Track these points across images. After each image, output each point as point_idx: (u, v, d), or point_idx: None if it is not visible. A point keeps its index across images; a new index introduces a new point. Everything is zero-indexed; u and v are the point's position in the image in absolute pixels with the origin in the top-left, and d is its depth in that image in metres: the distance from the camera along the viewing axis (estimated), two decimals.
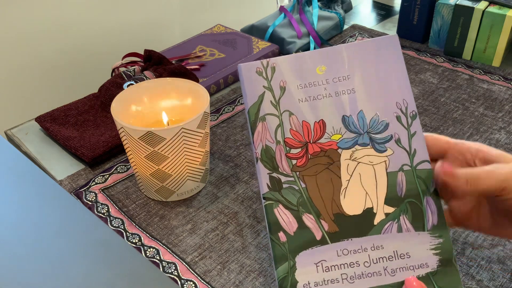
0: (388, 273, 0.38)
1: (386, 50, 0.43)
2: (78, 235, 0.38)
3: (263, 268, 0.54)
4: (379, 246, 0.39)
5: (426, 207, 0.40)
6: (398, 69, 0.43)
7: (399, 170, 0.41)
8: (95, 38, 1.09)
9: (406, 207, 0.40)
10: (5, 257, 0.36)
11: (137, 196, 0.64)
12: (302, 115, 0.41)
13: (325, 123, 0.41)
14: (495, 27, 0.84)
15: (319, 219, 0.40)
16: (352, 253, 0.39)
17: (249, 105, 0.42)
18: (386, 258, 0.39)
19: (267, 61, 0.42)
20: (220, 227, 0.59)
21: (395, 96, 0.42)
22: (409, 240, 0.39)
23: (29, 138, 0.74)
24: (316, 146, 0.41)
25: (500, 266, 0.53)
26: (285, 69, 0.42)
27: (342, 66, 0.42)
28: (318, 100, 0.42)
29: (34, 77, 1.02)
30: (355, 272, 0.39)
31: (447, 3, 0.87)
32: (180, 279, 0.53)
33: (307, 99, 0.42)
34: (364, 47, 0.43)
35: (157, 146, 0.56)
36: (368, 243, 0.39)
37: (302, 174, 0.41)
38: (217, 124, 0.76)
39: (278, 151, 0.41)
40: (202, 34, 0.97)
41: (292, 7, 1.00)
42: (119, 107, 0.60)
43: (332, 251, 0.39)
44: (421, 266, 0.39)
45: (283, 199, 0.40)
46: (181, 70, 0.77)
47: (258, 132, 0.41)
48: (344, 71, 0.42)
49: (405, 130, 0.41)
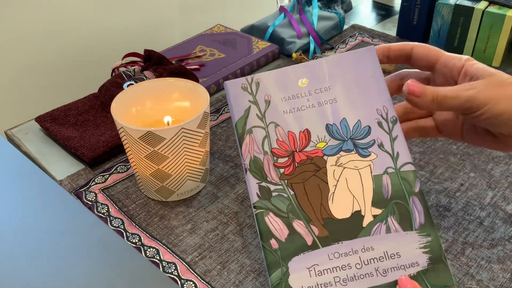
0: (380, 274, 0.39)
1: (364, 61, 0.45)
2: (78, 235, 0.39)
3: (263, 268, 0.54)
4: (369, 248, 0.40)
5: (412, 207, 0.42)
6: (377, 78, 0.45)
7: (384, 173, 0.42)
8: (95, 38, 1.09)
9: (393, 208, 0.41)
10: (5, 257, 0.36)
11: (137, 196, 0.64)
12: (287, 125, 0.43)
13: (310, 132, 0.43)
14: (495, 27, 0.84)
15: (309, 224, 0.41)
16: (343, 256, 0.40)
17: (236, 119, 0.44)
18: (377, 259, 0.40)
19: (251, 77, 0.45)
20: (220, 227, 0.59)
21: (375, 103, 0.44)
22: (398, 240, 0.40)
23: (29, 138, 0.74)
24: (303, 155, 0.43)
25: (500, 266, 0.53)
26: (269, 84, 0.45)
27: (323, 78, 0.45)
28: (302, 111, 0.44)
29: (34, 77, 1.02)
30: (347, 274, 0.40)
31: (447, 3, 0.87)
32: (180, 279, 0.53)
33: (292, 111, 0.44)
34: (343, 60, 0.45)
35: (157, 146, 0.56)
36: (359, 245, 0.40)
37: (290, 182, 0.42)
38: (217, 124, 0.76)
39: (266, 161, 0.43)
40: (202, 34, 0.98)
41: (292, 7, 1.00)
42: (119, 107, 0.60)
43: (323, 255, 0.40)
44: (411, 265, 0.40)
45: (273, 207, 0.42)
46: (181, 70, 0.77)
47: (246, 144, 0.43)
48: (325, 82, 0.45)
49: (387, 134, 0.43)
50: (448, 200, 0.61)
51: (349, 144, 0.43)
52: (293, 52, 0.91)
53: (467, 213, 0.59)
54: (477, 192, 0.62)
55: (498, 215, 0.59)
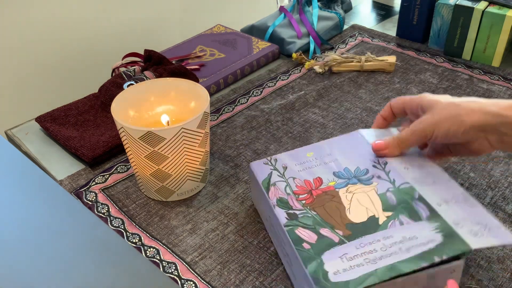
0: (404, 251, 0.45)
1: (354, 140, 0.59)
2: (78, 235, 0.39)
3: (263, 268, 0.54)
4: (389, 236, 0.47)
5: (416, 206, 0.49)
6: (366, 144, 0.58)
7: (387, 191, 0.52)
8: (95, 38, 1.09)
9: (401, 210, 0.49)
10: (5, 257, 0.36)
11: (137, 196, 0.64)
12: (302, 177, 0.55)
13: (321, 178, 0.55)
14: (494, 27, 0.84)
15: (334, 229, 0.49)
16: (368, 245, 0.46)
17: (261, 180, 0.55)
18: (398, 242, 0.46)
19: (270, 157, 0.58)
20: (220, 227, 0.59)
21: (369, 156, 0.57)
22: (412, 228, 0.47)
23: (29, 138, 0.74)
24: (319, 191, 0.53)
25: (500, 266, 0.53)
26: (284, 159, 0.58)
27: (324, 150, 0.59)
28: (312, 168, 0.56)
29: (34, 77, 1.02)
30: (375, 255, 0.45)
31: (447, 3, 0.87)
32: (180, 279, 0.53)
33: (304, 169, 0.56)
34: (337, 140, 0.60)
35: (157, 146, 0.56)
36: (380, 236, 0.47)
37: (312, 207, 0.51)
38: (217, 124, 0.76)
39: (290, 199, 0.53)
40: (202, 34, 0.98)
41: (292, 7, 1.00)
42: (119, 107, 0.60)
43: (350, 247, 0.46)
44: (428, 242, 0.45)
45: (300, 223, 0.50)
46: (181, 70, 0.77)
47: (272, 191, 0.54)
48: (326, 152, 0.58)
49: (382, 171, 0.54)
50: None
51: (354, 180, 0.54)
52: (293, 52, 0.91)
53: None
54: (477, 192, 0.62)
55: (498, 215, 0.59)
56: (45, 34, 1.00)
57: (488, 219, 0.47)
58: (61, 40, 1.03)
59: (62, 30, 1.02)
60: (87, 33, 1.07)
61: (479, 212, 0.48)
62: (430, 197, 0.50)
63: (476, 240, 0.45)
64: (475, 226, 0.46)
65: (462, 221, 0.47)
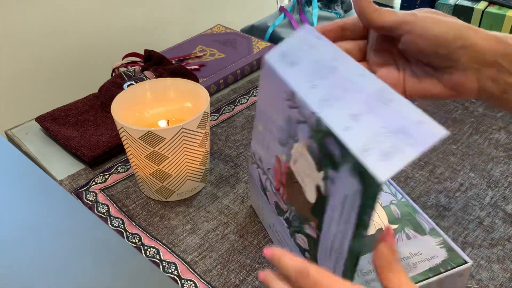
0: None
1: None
2: (78, 235, 0.39)
3: (263, 268, 0.54)
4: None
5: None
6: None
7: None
8: (95, 38, 1.09)
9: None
10: (5, 257, 0.36)
11: (137, 196, 0.64)
12: (271, 162, 0.50)
13: (278, 155, 0.49)
14: (495, 27, 0.84)
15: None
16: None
17: (260, 187, 0.53)
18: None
19: (252, 153, 0.54)
20: (220, 227, 0.59)
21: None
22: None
23: (29, 138, 0.74)
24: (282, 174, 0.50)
25: (500, 266, 0.53)
26: (257, 148, 0.53)
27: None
28: (264, 140, 0.52)
29: (34, 77, 1.02)
30: None
31: (447, 3, 0.87)
32: (180, 279, 0.53)
33: (262, 147, 0.51)
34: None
35: (157, 146, 0.56)
36: None
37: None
38: (217, 124, 0.76)
39: (278, 199, 0.50)
40: (202, 34, 0.98)
41: (292, 7, 1.00)
42: (119, 107, 0.60)
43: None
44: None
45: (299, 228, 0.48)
46: (181, 70, 0.77)
47: (269, 196, 0.52)
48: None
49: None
50: (448, 200, 0.61)
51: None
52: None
53: (466, 213, 0.59)
54: (476, 192, 0.62)
55: (498, 215, 0.59)
56: (45, 34, 1.00)
57: (406, 120, 0.35)
58: (61, 40, 1.03)
59: (62, 30, 1.02)
60: (87, 33, 1.07)
61: (397, 111, 0.36)
62: (336, 120, 0.37)
63: (384, 166, 0.33)
64: (388, 140, 0.34)
65: (372, 141, 0.34)
